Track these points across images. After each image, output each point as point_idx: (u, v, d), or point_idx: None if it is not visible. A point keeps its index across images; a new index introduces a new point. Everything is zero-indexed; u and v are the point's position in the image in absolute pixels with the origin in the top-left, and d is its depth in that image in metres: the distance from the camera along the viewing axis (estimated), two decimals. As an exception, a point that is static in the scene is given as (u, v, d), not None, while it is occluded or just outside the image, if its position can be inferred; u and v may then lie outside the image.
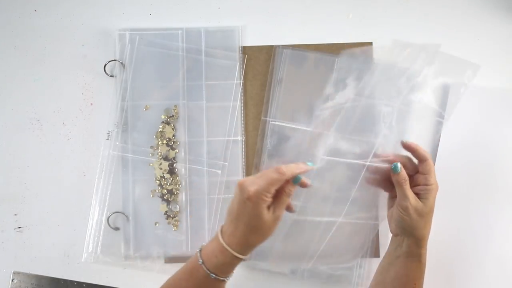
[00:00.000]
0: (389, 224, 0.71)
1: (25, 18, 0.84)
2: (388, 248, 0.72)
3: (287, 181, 0.63)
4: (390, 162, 0.69)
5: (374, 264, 0.79)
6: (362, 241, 0.78)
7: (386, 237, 0.79)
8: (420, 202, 0.67)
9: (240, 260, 0.63)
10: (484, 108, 0.80)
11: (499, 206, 0.79)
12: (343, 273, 0.79)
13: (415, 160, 0.70)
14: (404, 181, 0.67)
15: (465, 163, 0.79)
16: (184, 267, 0.65)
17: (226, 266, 0.63)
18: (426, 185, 0.68)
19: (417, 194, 0.68)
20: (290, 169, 0.63)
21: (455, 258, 0.78)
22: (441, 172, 0.78)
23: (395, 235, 0.71)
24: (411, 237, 0.68)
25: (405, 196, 0.67)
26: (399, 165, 0.68)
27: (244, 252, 0.63)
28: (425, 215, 0.67)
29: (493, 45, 0.83)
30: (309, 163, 0.66)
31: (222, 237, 0.63)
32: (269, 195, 0.61)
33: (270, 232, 0.63)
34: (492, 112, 0.80)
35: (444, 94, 0.81)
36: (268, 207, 0.62)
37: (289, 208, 0.68)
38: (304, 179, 0.65)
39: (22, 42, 0.84)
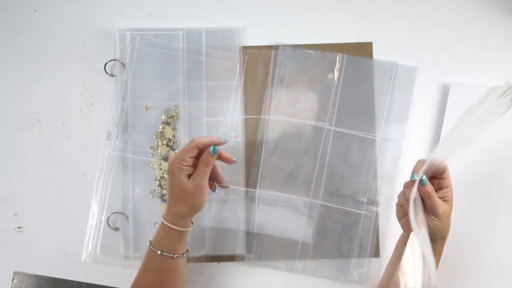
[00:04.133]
0: (407, 231, 0.72)
1: (25, 18, 0.84)
2: (400, 251, 0.72)
3: (206, 151, 0.68)
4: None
5: (374, 263, 0.79)
6: (348, 240, 0.79)
7: (385, 237, 0.80)
8: (447, 205, 0.69)
9: (179, 233, 0.68)
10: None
11: (499, 206, 0.79)
12: (335, 274, 0.80)
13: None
14: (432, 191, 0.68)
15: (465, 163, 0.79)
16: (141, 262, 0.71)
17: (168, 240, 0.68)
18: (447, 187, 0.69)
19: (441, 198, 0.69)
20: (201, 138, 0.68)
21: (455, 258, 0.78)
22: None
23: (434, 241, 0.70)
24: (442, 240, 0.70)
25: (436, 205, 0.67)
26: (425, 177, 0.67)
27: (178, 223, 0.68)
28: (450, 215, 0.69)
29: (493, 45, 0.83)
30: (222, 138, 0.71)
31: (163, 215, 0.70)
32: (185, 163, 0.67)
33: (197, 201, 0.68)
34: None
35: (444, 95, 0.81)
36: (189, 176, 0.68)
37: (221, 184, 0.75)
38: (225, 154, 0.72)
39: (22, 42, 0.84)
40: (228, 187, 0.76)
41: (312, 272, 0.80)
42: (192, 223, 0.72)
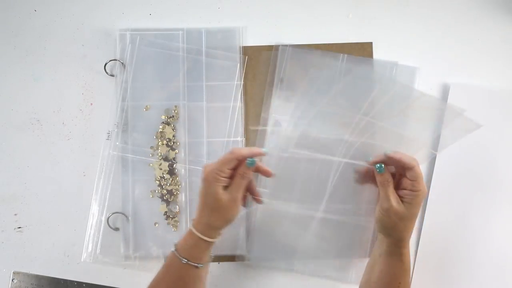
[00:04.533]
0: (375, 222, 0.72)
1: (25, 18, 0.84)
2: (374, 246, 0.73)
3: (243, 164, 0.67)
4: (375, 163, 0.70)
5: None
6: (347, 240, 0.79)
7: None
8: (402, 206, 0.67)
9: (207, 243, 0.67)
10: (484, 108, 0.80)
11: (499, 206, 0.79)
12: (335, 274, 0.80)
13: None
14: (387, 183, 0.68)
15: (465, 163, 0.79)
16: (163, 263, 0.69)
17: (196, 250, 0.67)
18: (413, 190, 0.67)
19: (401, 197, 0.68)
20: (241, 150, 0.67)
21: (455, 258, 0.78)
22: (440, 173, 0.79)
23: (378, 232, 0.71)
24: (390, 237, 0.69)
25: (387, 198, 0.67)
26: (383, 166, 0.68)
27: (208, 234, 0.66)
28: (406, 219, 0.67)
29: (493, 45, 0.83)
30: (263, 149, 0.69)
31: (191, 223, 0.68)
32: (223, 174, 0.65)
33: (230, 214, 0.67)
34: (492, 112, 0.80)
35: (444, 95, 0.81)
36: (225, 188, 0.66)
37: (256, 199, 0.73)
38: (263, 166, 0.70)
39: (22, 42, 0.84)
40: (262, 202, 0.74)
41: (312, 272, 0.80)
42: (220, 234, 0.69)
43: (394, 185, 0.69)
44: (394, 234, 0.68)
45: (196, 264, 0.66)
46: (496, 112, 0.80)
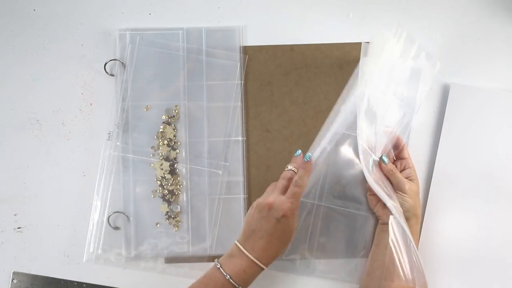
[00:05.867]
0: (382, 215, 0.76)
1: (24, 17, 0.84)
2: (378, 238, 0.76)
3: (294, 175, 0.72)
4: None
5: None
6: (355, 236, 0.80)
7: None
8: (412, 183, 0.74)
9: (262, 271, 0.68)
10: (484, 108, 0.80)
11: (499, 207, 0.79)
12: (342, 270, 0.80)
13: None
14: (394, 169, 0.74)
15: (465, 163, 0.80)
16: (203, 282, 0.68)
17: (253, 279, 0.68)
18: (410, 167, 0.75)
19: (406, 177, 0.74)
20: (304, 178, 0.71)
21: (455, 258, 0.78)
22: (440, 173, 0.79)
23: (385, 223, 0.74)
24: (413, 218, 0.73)
25: (401, 181, 0.73)
26: (385, 156, 0.74)
27: (270, 263, 0.68)
28: (418, 193, 0.75)
29: (494, 45, 0.84)
30: (305, 156, 0.74)
31: (250, 253, 0.67)
32: (296, 208, 0.69)
33: (291, 238, 0.70)
34: (492, 112, 0.80)
35: (444, 95, 0.82)
36: None
37: None
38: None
39: (21, 42, 0.84)
40: None
41: (313, 273, 0.80)
42: None
43: None
44: (417, 212, 0.74)
45: None
46: (496, 112, 0.80)
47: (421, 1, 0.85)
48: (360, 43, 0.82)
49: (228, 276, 0.66)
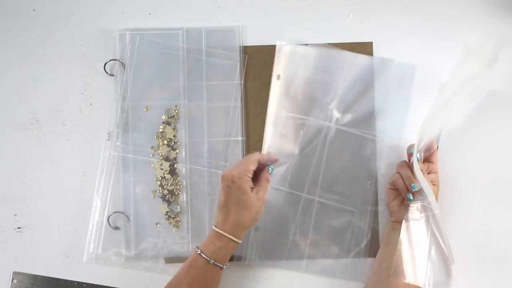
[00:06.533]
0: (396, 213, 0.76)
1: (24, 17, 0.84)
2: (388, 236, 0.75)
3: (266, 169, 0.73)
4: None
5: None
6: (348, 233, 0.80)
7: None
8: (435, 188, 0.74)
9: (234, 244, 0.70)
10: (485, 108, 0.80)
11: (499, 207, 0.79)
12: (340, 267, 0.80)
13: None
14: (424, 170, 0.73)
15: (465, 163, 0.80)
16: (183, 265, 0.71)
17: (224, 251, 0.70)
18: (435, 172, 0.75)
19: (430, 182, 0.73)
20: (263, 156, 0.75)
21: (455, 257, 0.78)
22: (441, 173, 0.79)
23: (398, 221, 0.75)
24: None
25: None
26: (419, 154, 0.73)
27: (237, 234, 0.70)
28: (436, 198, 0.75)
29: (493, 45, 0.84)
30: (277, 157, 0.77)
31: (216, 227, 0.70)
32: (249, 174, 0.70)
33: (258, 213, 0.71)
34: (492, 112, 0.80)
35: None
36: (251, 189, 0.70)
37: None
38: (270, 156, 0.78)
39: (21, 42, 0.84)
40: None
41: (312, 271, 0.80)
42: (245, 235, 0.73)
43: None
44: None
45: (221, 265, 0.70)
46: (497, 113, 0.80)
47: (420, 1, 0.85)
48: (360, 43, 0.83)
49: (199, 251, 0.69)
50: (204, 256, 0.69)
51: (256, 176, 0.73)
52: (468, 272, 0.78)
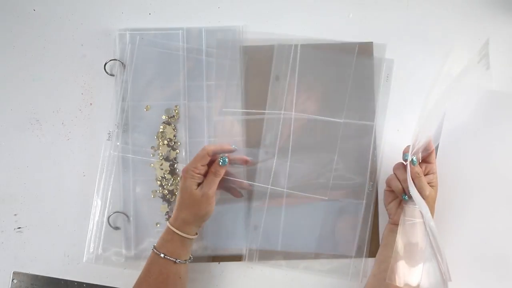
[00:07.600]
0: (393, 215, 0.75)
1: (24, 17, 0.84)
2: (387, 238, 0.75)
3: (216, 162, 0.71)
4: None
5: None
6: (350, 229, 0.80)
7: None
8: (433, 190, 0.72)
9: (183, 239, 0.70)
10: (485, 109, 0.80)
11: (499, 207, 0.79)
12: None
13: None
14: (421, 172, 0.72)
15: (465, 163, 0.80)
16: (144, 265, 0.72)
17: (172, 245, 0.70)
18: (434, 173, 0.73)
19: (428, 183, 0.72)
20: (211, 146, 0.71)
21: (455, 257, 0.78)
22: (441, 173, 0.79)
23: (395, 224, 0.74)
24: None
25: (424, 186, 0.71)
26: (415, 158, 0.71)
27: (182, 229, 0.70)
28: (435, 201, 0.73)
29: (494, 46, 0.83)
30: (232, 145, 0.74)
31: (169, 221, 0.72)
32: (197, 171, 0.70)
33: (203, 210, 0.70)
34: (492, 113, 0.80)
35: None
36: (199, 185, 0.70)
37: (235, 193, 0.78)
38: (237, 156, 0.75)
39: (21, 42, 0.84)
40: (251, 186, 0.79)
41: (312, 272, 0.80)
42: (197, 234, 0.73)
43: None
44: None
45: (174, 259, 0.69)
46: (497, 113, 0.80)
47: (420, 1, 0.85)
48: (360, 43, 0.83)
49: (152, 246, 0.71)
50: (155, 251, 0.70)
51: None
52: (468, 272, 0.78)
